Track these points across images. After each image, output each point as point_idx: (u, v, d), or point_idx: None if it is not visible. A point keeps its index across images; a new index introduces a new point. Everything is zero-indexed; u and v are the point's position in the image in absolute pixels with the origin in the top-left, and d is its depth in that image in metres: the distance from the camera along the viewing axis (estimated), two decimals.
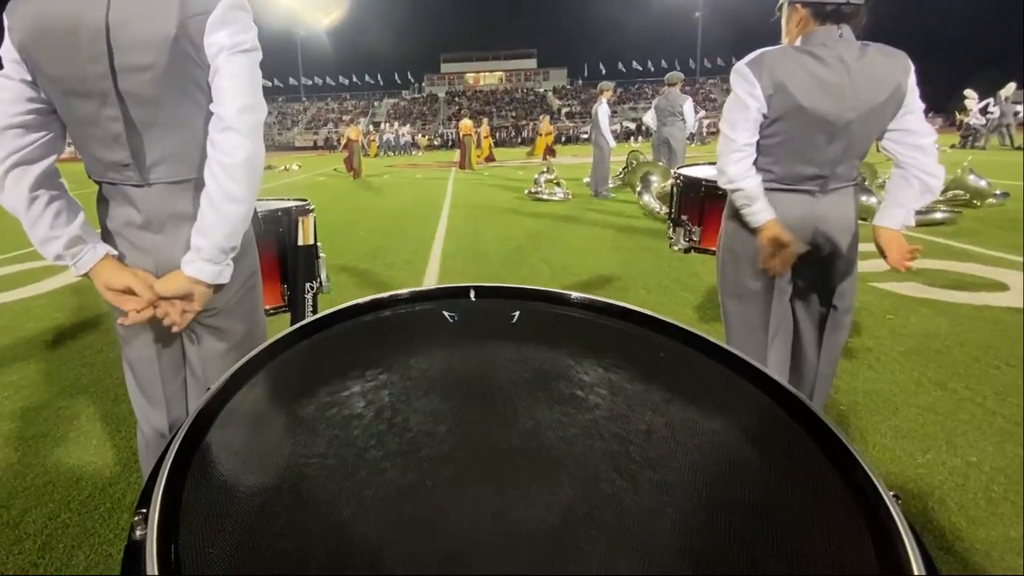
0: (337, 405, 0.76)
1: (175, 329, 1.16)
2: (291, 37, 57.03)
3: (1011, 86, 16.71)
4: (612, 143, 8.91)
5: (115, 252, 1.14)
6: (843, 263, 1.70)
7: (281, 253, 2.10)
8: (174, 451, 0.63)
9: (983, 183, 6.96)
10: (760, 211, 1.64)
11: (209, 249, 1.09)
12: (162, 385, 1.29)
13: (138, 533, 0.53)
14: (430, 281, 4.51)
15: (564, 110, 46.84)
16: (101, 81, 1.02)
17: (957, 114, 18.73)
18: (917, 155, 1.60)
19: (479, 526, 0.57)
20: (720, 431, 0.72)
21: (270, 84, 53.71)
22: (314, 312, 2.11)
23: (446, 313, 1.04)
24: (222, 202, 1.07)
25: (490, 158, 18.31)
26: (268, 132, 44.72)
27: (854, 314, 1.81)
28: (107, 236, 1.17)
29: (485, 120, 21.94)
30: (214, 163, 1.07)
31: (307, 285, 2.11)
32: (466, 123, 16.35)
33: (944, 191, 7.18)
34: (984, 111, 17.55)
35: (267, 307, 2.13)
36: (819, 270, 1.73)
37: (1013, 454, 2.02)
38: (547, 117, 22.38)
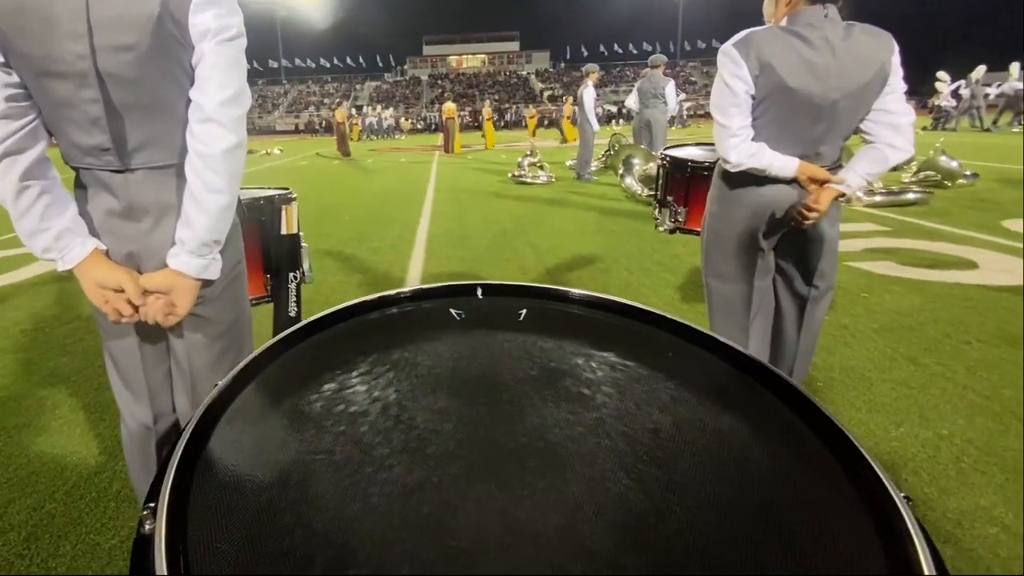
0: (344, 402, 0.76)
1: (165, 323, 1.11)
2: (271, 18, 55.56)
3: (981, 68, 16.90)
4: (596, 126, 8.85)
5: (104, 247, 1.08)
6: (825, 243, 1.71)
7: (264, 242, 2.05)
8: (183, 445, 0.63)
9: (954, 164, 7.06)
10: (782, 167, 1.61)
11: (192, 242, 1.05)
12: (145, 376, 1.25)
13: (147, 527, 0.53)
14: (415, 265, 4.48)
15: (547, 93, 46.44)
16: (80, 61, 0.96)
17: (930, 100, 18.94)
18: (889, 133, 1.59)
19: (485, 524, 0.56)
20: (728, 431, 0.71)
21: (249, 66, 52.44)
22: (297, 303, 2.06)
23: (453, 311, 1.03)
24: (202, 193, 1.03)
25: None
26: (249, 116, 43.70)
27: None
28: (87, 225, 1.12)
29: (487, 102, 21.24)
30: (193, 154, 1.02)
31: (290, 275, 2.06)
32: (449, 106, 16.10)
33: (916, 172, 7.28)
34: (955, 93, 17.75)
35: (251, 297, 2.09)
36: (801, 250, 1.74)
37: (983, 426, 2.06)
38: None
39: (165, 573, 0.48)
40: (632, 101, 8.13)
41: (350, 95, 48.57)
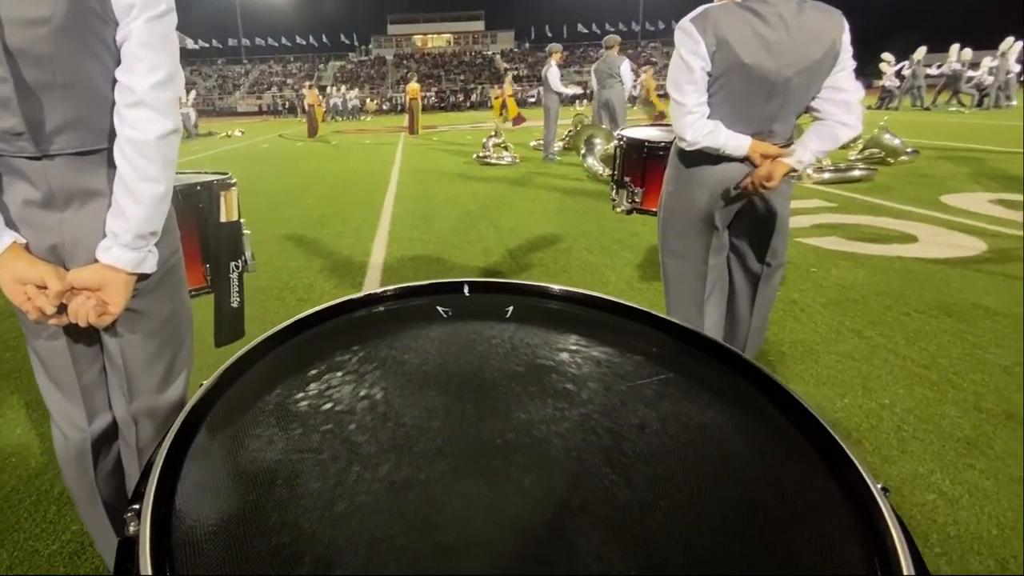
0: (330, 400, 0.75)
1: (98, 324, 1.00)
2: None
3: (922, 50, 17.33)
4: (568, 91, 8.78)
5: (23, 240, 0.96)
6: (777, 221, 1.71)
7: (202, 231, 1.90)
8: (167, 446, 0.61)
9: (897, 141, 7.22)
10: (736, 146, 1.59)
11: (125, 234, 0.94)
12: (77, 376, 1.14)
13: (131, 529, 0.52)
14: (379, 248, 4.35)
15: (512, 73, 45.77)
16: None
17: (876, 81, 19.36)
18: (839, 111, 1.58)
19: (473, 520, 0.56)
20: (711, 426, 0.71)
21: (208, 45, 49.93)
22: (240, 292, 1.94)
23: (440, 308, 1.01)
24: (135, 182, 0.93)
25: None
26: (208, 97, 41.82)
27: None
28: (3, 216, 0.99)
29: (510, 75, 18.66)
30: (123, 140, 0.92)
31: (232, 264, 1.93)
32: (413, 86, 15.65)
33: (862, 150, 7.43)
34: (899, 74, 18.18)
35: (190, 288, 1.95)
36: (754, 228, 1.74)
37: (921, 395, 2.11)
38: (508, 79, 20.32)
39: (150, 574, 0.47)
40: (592, 82, 8.08)
41: (313, 75, 46.84)
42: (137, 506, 0.54)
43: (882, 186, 6.00)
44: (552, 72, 8.54)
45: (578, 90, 8.96)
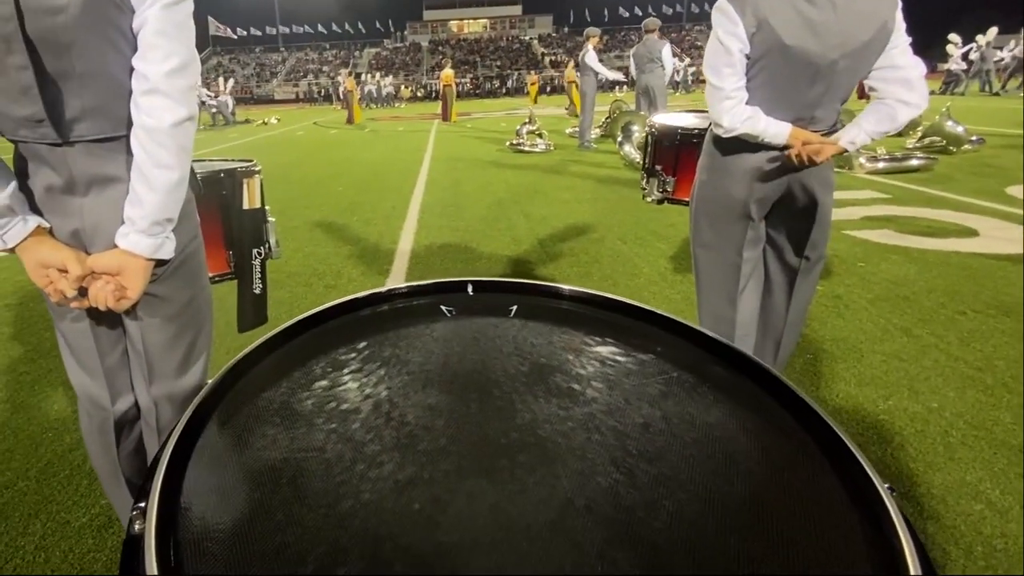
0: (335, 399, 0.76)
1: (117, 308, 1.04)
2: None
3: (993, 31, 16.34)
4: (608, 73, 8.66)
5: (47, 224, 1.01)
6: (818, 213, 1.63)
7: (224, 217, 1.96)
8: (172, 444, 0.62)
9: (960, 129, 6.85)
10: (776, 134, 1.52)
11: (142, 220, 0.98)
12: (100, 357, 1.19)
13: (136, 527, 0.53)
14: (407, 236, 4.39)
15: (549, 59, 45.37)
16: (5, 24, 0.86)
17: (941, 64, 18.38)
18: (900, 88, 1.47)
19: (477, 519, 0.56)
20: (716, 425, 0.71)
21: (246, 33, 51.16)
22: (263, 279, 2.00)
23: (444, 307, 1.02)
24: (150, 169, 0.96)
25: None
26: (246, 85, 42.92)
27: (826, 262, 1.75)
28: (28, 201, 1.04)
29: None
30: (139, 127, 0.94)
31: (254, 251, 1.98)
32: (447, 73, 15.69)
33: (921, 137, 7.08)
34: (966, 56, 17.21)
35: (213, 274, 2.00)
36: (793, 219, 1.67)
37: (973, 399, 2.01)
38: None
39: (155, 573, 0.47)
40: (631, 68, 7.92)
41: (349, 62, 47.50)
42: (142, 504, 0.55)
43: (942, 176, 5.71)
44: (590, 56, 8.42)
45: (619, 75, 8.78)
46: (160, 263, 1.05)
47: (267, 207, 1.99)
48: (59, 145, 0.97)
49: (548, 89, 33.91)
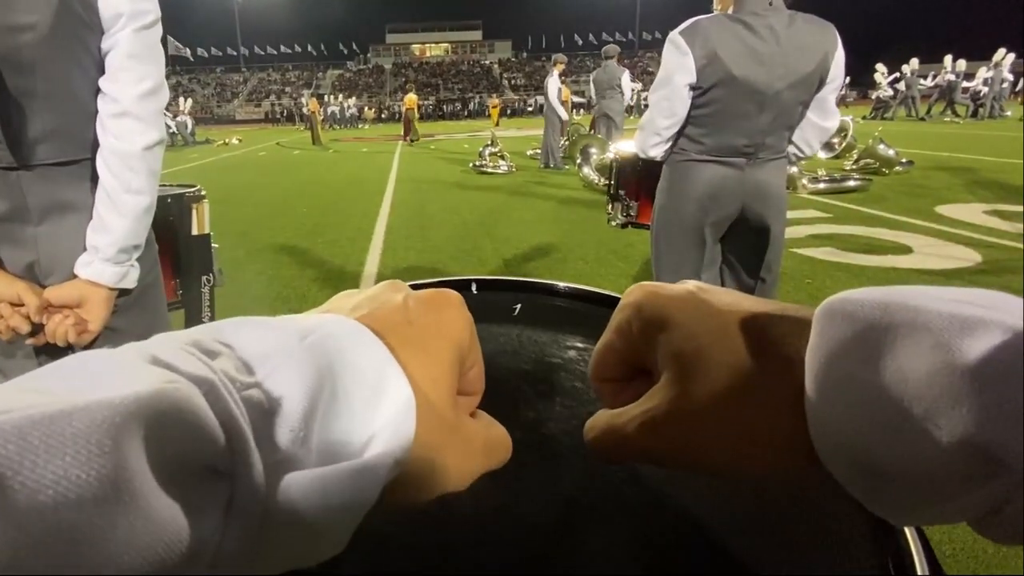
0: None
1: (78, 343, 0.97)
2: (227, 2, 53.18)
3: (914, 61, 17.48)
4: (564, 115, 8.77)
5: None
6: (771, 236, 1.69)
7: (173, 244, 1.86)
8: None
9: (891, 152, 7.26)
10: None
11: (109, 248, 0.93)
12: None
13: None
14: (373, 259, 4.33)
15: (509, 83, 46.03)
16: None
17: (872, 92, 19.52)
18: (812, 137, 1.67)
19: (480, 518, 0.54)
20: None
21: (207, 54, 50.12)
22: (211, 308, 1.91)
23: None
24: (119, 195, 0.91)
25: None
26: (207, 104, 41.93)
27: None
28: None
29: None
30: (108, 151, 0.90)
31: (203, 279, 1.89)
32: (411, 97, 15.81)
33: (856, 160, 7.47)
34: (893, 84, 18.34)
35: None
36: (748, 242, 1.73)
37: None
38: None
39: None
40: (591, 92, 8.09)
41: (312, 83, 47.04)
42: None
43: (877, 196, 6.02)
44: (552, 83, 8.56)
45: (565, 116, 8.86)
46: (122, 293, 1.00)
47: (210, 233, 1.92)
48: (14, 169, 0.91)
49: (508, 112, 34.35)
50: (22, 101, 0.87)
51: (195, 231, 1.85)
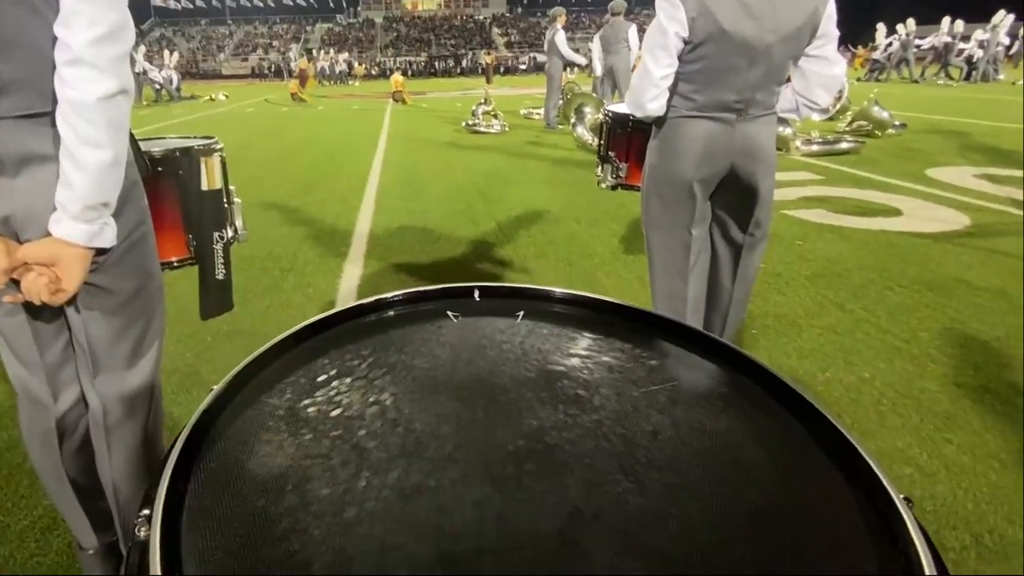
0: (340, 406, 0.74)
1: (53, 302, 0.93)
2: None
3: (911, 22, 17.03)
4: (582, 60, 8.66)
5: None
6: (760, 193, 1.68)
7: (183, 199, 1.81)
8: (178, 451, 0.61)
9: (885, 114, 7.14)
10: None
11: (74, 205, 0.86)
12: (40, 352, 1.07)
13: (142, 533, 0.52)
14: (364, 218, 4.23)
15: (503, 40, 44.57)
16: None
17: (860, 48, 19.07)
18: (819, 91, 1.63)
19: (483, 527, 0.55)
20: (727, 432, 0.69)
21: (191, 5, 47.87)
22: (225, 264, 1.86)
23: (450, 313, 1.00)
24: (78, 148, 0.84)
25: None
26: (192, 59, 40.33)
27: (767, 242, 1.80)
28: None
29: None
30: (63, 102, 0.83)
31: (215, 235, 1.83)
32: (397, 79, 15.45)
33: (850, 122, 7.34)
34: (888, 46, 17.92)
35: (173, 259, 1.86)
36: (738, 198, 1.71)
37: (901, 369, 2.10)
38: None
39: None
40: (596, 49, 7.82)
41: (300, 37, 45.26)
42: (147, 511, 0.54)
43: (869, 159, 5.94)
44: (559, 36, 8.30)
45: (583, 60, 8.72)
46: (101, 251, 0.94)
47: (232, 187, 1.85)
48: None
49: (502, 70, 33.35)
50: None
51: (205, 186, 1.78)
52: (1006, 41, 16.36)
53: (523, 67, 36.06)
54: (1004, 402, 1.89)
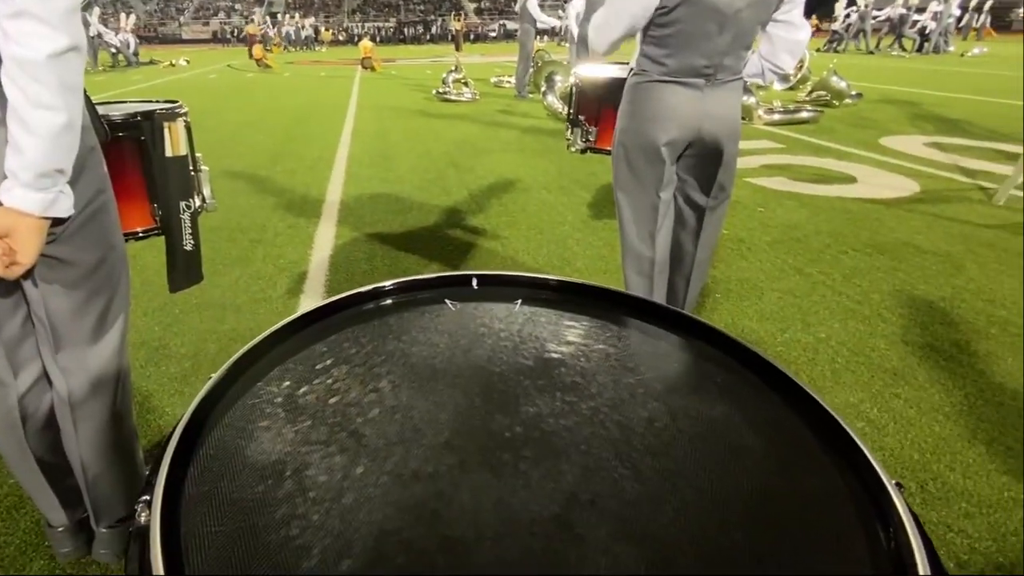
0: (339, 393, 0.73)
1: (8, 275, 0.86)
2: None
3: None
4: (554, 22, 8.38)
5: None
6: (726, 156, 1.68)
7: (146, 166, 1.69)
8: (177, 437, 0.60)
9: (843, 84, 7.20)
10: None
11: (25, 172, 0.79)
12: None
13: (142, 519, 0.52)
14: (335, 188, 4.09)
15: (473, 6, 43.04)
16: None
17: (819, 19, 19.10)
18: (785, 56, 1.63)
19: (481, 513, 0.55)
20: (722, 420, 0.69)
21: None
22: (193, 234, 1.76)
23: (448, 301, 0.98)
24: (27, 110, 0.76)
25: None
26: (149, 22, 37.83)
27: (728, 208, 1.81)
28: None
29: None
30: (8, 60, 0.74)
31: (182, 204, 1.72)
32: (366, 44, 14.81)
33: (810, 92, 7.40)
34: (847, 17, 17.99)
35: (138, 229, 1.75)
36: (703, 162, 1.71)
37: (854, 329, 2.17)
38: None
39: (161, 572, 0.46)
40: (573, 14, 7.54)
41: (264, 1, 42.82)
42: (147, 496, 0.54)
43: (826, 128, 6.01)
44: (531, 1, 8.00)
45: (556, 22, 8.42)
46: (57, 221, 0.87)
47: (199, 155, 1.74)
48: None
49: (472, 37, 32.32)
50: None
51: (170, 152, 1.66)
52: (957, 13, 16.58)
53: (493, 34, 35.03)
54: (948, 359, 1.97)
